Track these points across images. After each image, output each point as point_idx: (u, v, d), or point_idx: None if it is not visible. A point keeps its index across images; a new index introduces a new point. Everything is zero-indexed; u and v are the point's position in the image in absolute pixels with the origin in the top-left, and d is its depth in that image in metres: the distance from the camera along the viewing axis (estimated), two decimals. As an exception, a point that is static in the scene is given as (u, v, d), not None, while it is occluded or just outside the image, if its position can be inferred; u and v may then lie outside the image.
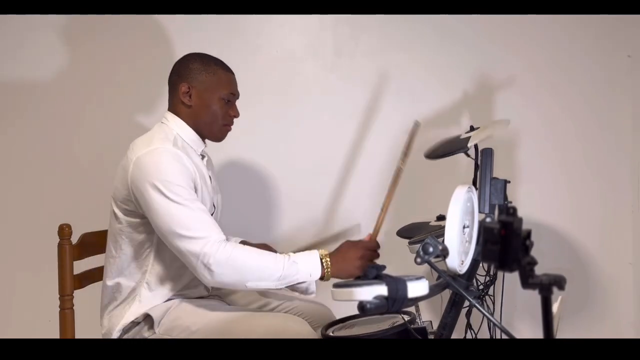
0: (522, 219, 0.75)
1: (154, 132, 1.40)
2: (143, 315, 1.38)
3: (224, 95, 1.43)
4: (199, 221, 1.27)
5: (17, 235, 2.03)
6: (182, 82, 1.42)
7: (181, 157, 1.32)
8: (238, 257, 1.25)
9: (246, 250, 1.29)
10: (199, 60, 1.44)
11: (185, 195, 1.28)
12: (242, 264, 1.26)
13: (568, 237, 2.07)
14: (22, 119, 2.03)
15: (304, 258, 1.31)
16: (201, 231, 1.26)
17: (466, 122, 2.00)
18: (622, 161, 2.05)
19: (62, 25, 2.00)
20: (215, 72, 1.44)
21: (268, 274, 1.27)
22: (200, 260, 1.24)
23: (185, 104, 1.43)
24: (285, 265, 1.27)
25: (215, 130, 1.46)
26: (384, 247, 2.03)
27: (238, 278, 1.26)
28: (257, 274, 1.26)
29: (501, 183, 1.30)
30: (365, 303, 0.84)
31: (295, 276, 1.28)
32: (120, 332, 1.38)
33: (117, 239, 1.40)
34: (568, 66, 2.05)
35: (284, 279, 1.28)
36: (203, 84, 1.42)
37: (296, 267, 1.28)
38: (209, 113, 1.43)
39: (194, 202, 1.29)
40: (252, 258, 1.27)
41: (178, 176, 1.29)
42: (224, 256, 1.24)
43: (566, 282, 0.74)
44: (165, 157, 1.31)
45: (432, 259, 0.93)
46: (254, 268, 1.26)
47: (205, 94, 1.42)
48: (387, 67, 2.05)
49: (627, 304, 2.07)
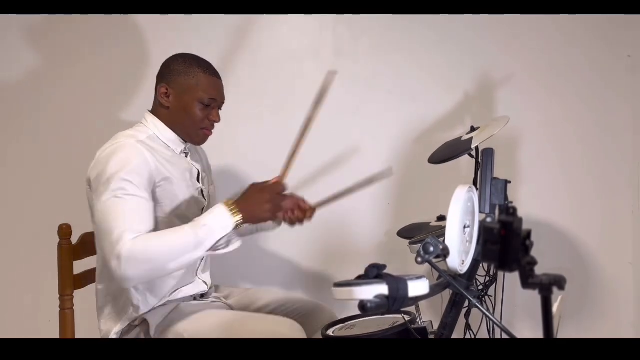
0: (522, 219, 0.75)
1: (125, 131, 1.39)
2: (140, 320, 1.37)
3: (203, 99, 1.40)
4: (124, 218, 1.21)
5: (17, 235, 2.03)
6: (161, 83, 1.42)
7: (142, 152, 1.30)
8: (141, 251, 1.19)
9: (149, 239, 1.21)
10: (182, 62, 1.42)
11: (128, 189, 1.24)
12: (151, 254, 1.19)
13: (568, 237, 2.07)
14: (22, 119, 2.03)
15: (210, 217, 1.24)
16: (120, 229, 1.19)
17: (467, 122, 2.00)
18: (622, 161, 2.05)
19: (62, 25, 2.00)
20: (196, 75, 1.40)
21: (182, 249, 1.21)
22: (113, 263, 1.18)
23: (163, 105, 1.41)
24: (197, 232, 1.21)
25: (192, 133, 1.43)
26: (384, 248, 2.05)
27: (153, 268, 1.20)
28: (171, 254, 1.20)
29: (502, 183, 1.30)
30: (366, 302, 0.84)
31: (212, 237, 1.22)
32: (117, 334, 1.38)
33: None
34: (568, 66, 2.05)
35: (201, 244, 1.21)
36: (181, 86, 1.39)
37: (206, 228, 1.22)
38: (186, 116, 1.40)
39: (134, 196, 1.24)
40: (159, 243, 1.21)
41: (130, 169, 1.26)
42: (131, 254, 1.17)
43: (566, 282, 0.74)
44: (124, 151, 1.29)
45: (433, 259, 0.93)
46: (166, 250, 1.20)
47: (183, 97, 1.39)
48: (387, 67, 2.05)
49: (627, 304, 2.07)
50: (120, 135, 1.36)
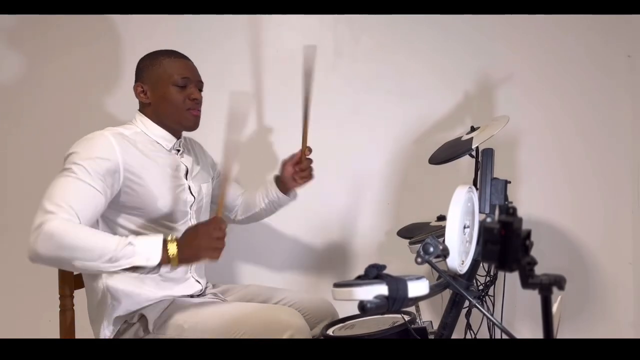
0: (522, 219, 0.75)
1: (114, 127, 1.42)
2: (138, 316, 1.37)
3: (176, 82, 1.42)
4: (61, 198, 1.22)
5: (17, 236, 2.03)
6: (135, 84, 1.46)
7: (110, 143, 1.31)
8: (67, 234, 1.17)
9: (80, 228, 1.20)
10: (147, 58, 1.47)
11: (79, 172, 1.25)
12: (69, 242, 1.17)
13: (568, 237, 2.07)
14: (22, 119, 2.03)
15: (144, 241, 1.22)
16: (54, 206, 1.20)
17: (467, 122, 2.00)
18: (622, 161, 2.05)
19: (61, 26, 2.00)
20: (161, 62, 1.44)
21: (96, 254, 1.18)
22: (33, 234, 1.17)
23: (145, 103, 1.45)
24: (119, 246, 1.19)
25: (180, 119, 1.44)
26: (384, 248, 2.05)
27: (62, 255, 1.18)
28: (84, 253, 1.18)
29: (501, 183, 1.31)
30: (365, 302, 0.84)
31: (130, 259, 1.19)
32: (115, 333, 1.38)
33: None
34: (568, 66, 2.05)
35: (117, 260, 1.19)
36: (152, 78, 1.43)
37: (132, 249, 1.20)
38: (167, 104, 1.43)
39: (78, 183, 1.25)
40: (82, 237, 1.19)
41: (89, 155, 1.27)
42: (53, 232, 1.16)
43: (566, 282, 0.74)
44: (91, 139, 1.32)
45: (433, 259, 0.93)
46: (81, 246, 1.18)
47: (157, 87, 1.43)
48: (387, 67, 2.05)
49: (627, 304, 2.07)
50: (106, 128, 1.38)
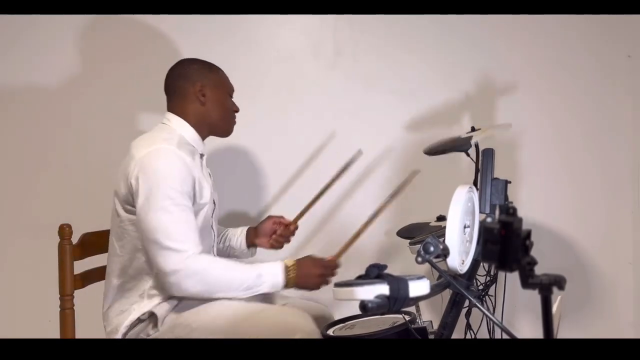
0: (522, 219, 0.75)
1: (156, 132, 1.41)
2: (148, 313, 1.38)
3: (230, 92, 1.53)
4: (181, 233, 1.30)
5: (17, 235, 2.03)
6: (193, 83, 1.45)
7: (184, 159, 1.33)
8: (209, 272, 1.31)
9: (217, 264, 1.35)
10: (199, 62, 1.50)
11: (179, 201, 1.30)
12: (212, 280, 1.32)
13: (568, 237, 2.07)
14: (22, 119, 2.03)
15: (269, 270, 1.37)
16: (182, 244, 1.29)
17: (467, 122, 2.00)
18: (623, 161, 2.05)
19: (61, 25, 2.00)
20: (217, 71, 1.51)
21: (235, 287, 1.33)
22: (173, 273, 1.28)
23: (200, 101, 1.46)
24: (251, 278, 1.34)
25: (228, 124, 1.53)
26: (385, 247, 2.05)
27: (206, 290, 1.32)
28: (225, 287, 1.33)
29: (502, 183, 1.31)
30: (366, 302, 0.84)
31: (260, 287, 1.35)
32: (127, 328, 1.38)
33: (121, 237, 1.40)
34: (568, 66, 2.05)
35: (249, 289, 1.34)
36: (212, 81, 1.48)
37: (261, 280, 1.35)
38: (222, 109, 1.49)
39: (184, 211, 1.31)
40: (222, 273, 1.33)
41: (178, 180, 1.31)
42: (194, 271, 1.29)
43: (566, 282, 0.74)
44: (168, 159, 1.32)
45: (433, 259, 0.93)
46: (223, 282, 1.33)
47: (216, 91, 1.48)
48: (387, 67, 2.05)
49: (627, 304, 2.07)
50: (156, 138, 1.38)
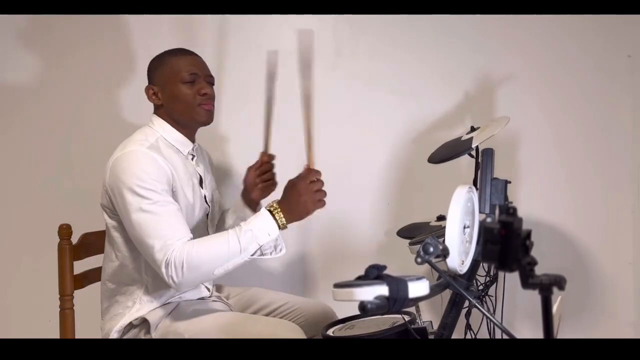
0: (522, 219, 0.75)
1: (134, 135, 1.41)
2: (141, 319, 1.38)
3: (183, 78, 1.41)
4: (165, 229, 1.27)
5: (17, 236, 2.03)
6: (147, 87, 1.46)
7: (155, 159, 1.32)
8: (192, 258, 1.24)
9: (198, 246, 1.27)
10: (155, 60, 1.47)
11: (155, 199, 1.28)
12: (198, 262, 1.24)
13: (568, 237, 2.07)
14: (21, 119, 2.03)
15: (255, 222, 1.29)
16: (164, 239, 1.25)
17: (467, 122, 2.00)
18: (622, 161, 2.05)
19: (61, 26, 2.00)
20: (168, 62, 1.43)
21: (228, 255, 1.25)
22: (164, 271, 1.25)
23: (157, 105, 1.45)
24: (240, 237, 1.26)
25: (193, 114, 1.43)
26: (384, 248, 2.05)
27: (201, 274, 1.27)
28: (218, 261, 1.25)
29: (502, 183, 1.30)
30: (366, 303, 0.84)
31: (256, 241, 1.26)
32: (119, 332, 1.38)
33: (111, 243, 1.40)
34: (568, 66, 2.05)
35: (246, 250, 1.26)
36: (161, 78, 1.43)
37: (251, 234, 1.26)
38: (177, 101, 1.42)
39: (164, 206, 1.29)
40: (206, 251, 1.26)
41: (149, 179, 1.28)
42: (179, 262, 1.24)
43: (566, 282, 0.74)
44: (138, 159, 1.31)
45: (433, 259, 0.93)
46: (212, 258, 1.25)
47: (167, 87, 1.42)
48: (387, 67, 2.05)
49: (627, 304, 2.07)
50: (129, 141, 1.37)
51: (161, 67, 1.44)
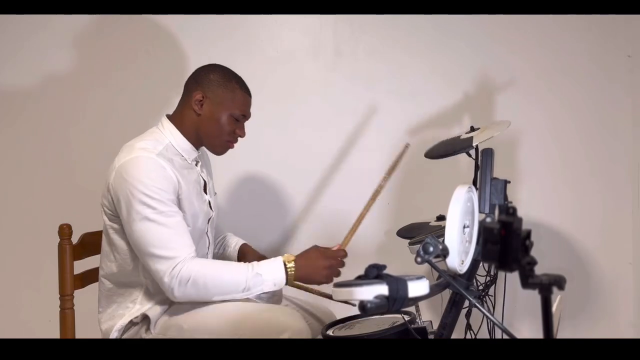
0: (522, 219, 0.75)
1: (142, 137, 1.39)
2: (142, 316, 1.38)
3: (235, 114, 1.42)
4: (170, 240, 1.28)
5: (17, 235, 2.03)
6: (197, 90, 1.41)
7: (164, 168, 1.31)
8: (200, 277, 1.27)
9: (209, 268, 1.31)
10: (220, 73, 1.43)
11: (161, 209, 1.28)
12: (204, 283, 1.28)
13: (568, 237, 2.07)
14: (22, 120, 2.03)
15: (267, 268, 1.32)
16: (170, 251, 1.27)
17: (467, 122, 2.00)
18: (622, 161, 2.05)
19: (61, 26, 2.00)
20: (234, 89, 1.42)
21: (232, 288, 1.30)
22: (166, 280, 1.26)
23: (195, 111, 1.41)
24: (249, 277, 1.29)
25: (217, 144, 1.45)
26: (385, 247, 2.05)
27: (202, 295, 1.30)
28: (220, 289, 1.30)
29: (501, 183, 1.30)
30: (365, 303, 0.84)
31: (260, 287, 1.30)
32: (119, 332, 1.38)
33: (110, 243, 1.40)
34: (568, 66, 2.05)
35: (248, 290, 1.30)
36: (218, 97, 1.41)
37: (260, 279, 1.30)
38: (215, 126, 1.42)
39: (170, 217, 1.29)
40: (215, 276, 1.29)
41: (156, 188, 1.28)
42: (186, 277, 1.26)
43: (566, 282, 0.74)
44: (147, 167, 1.29)
45: (433, 259, 0.93)
46: (217, 285, 1.29)
47: (217, 107, 1.41)
48: (387, 67, 2.05)
49: (627, 304, 2.07)
50: (139, 142, 1.35)
51: (224, 88, 1.41)
